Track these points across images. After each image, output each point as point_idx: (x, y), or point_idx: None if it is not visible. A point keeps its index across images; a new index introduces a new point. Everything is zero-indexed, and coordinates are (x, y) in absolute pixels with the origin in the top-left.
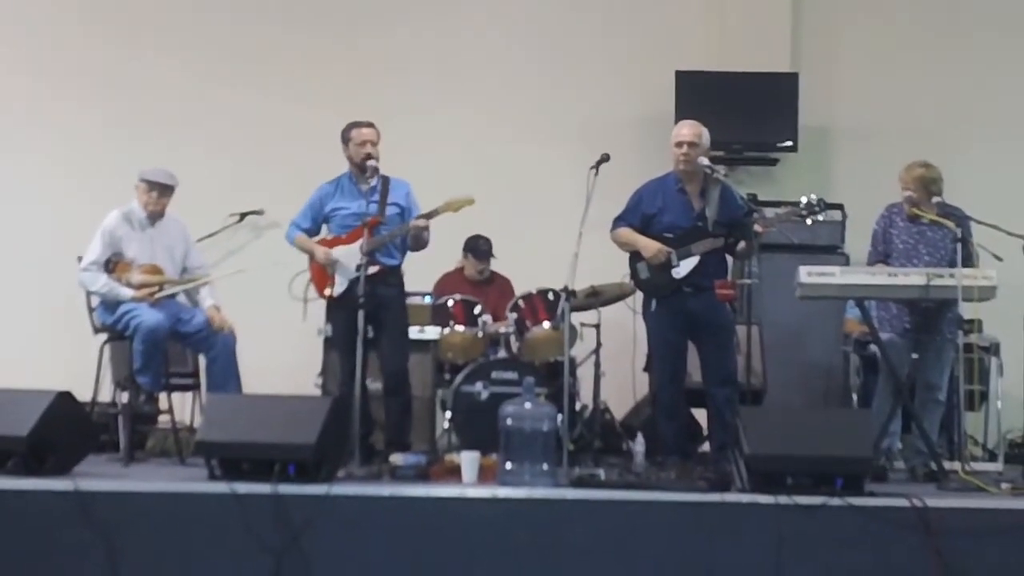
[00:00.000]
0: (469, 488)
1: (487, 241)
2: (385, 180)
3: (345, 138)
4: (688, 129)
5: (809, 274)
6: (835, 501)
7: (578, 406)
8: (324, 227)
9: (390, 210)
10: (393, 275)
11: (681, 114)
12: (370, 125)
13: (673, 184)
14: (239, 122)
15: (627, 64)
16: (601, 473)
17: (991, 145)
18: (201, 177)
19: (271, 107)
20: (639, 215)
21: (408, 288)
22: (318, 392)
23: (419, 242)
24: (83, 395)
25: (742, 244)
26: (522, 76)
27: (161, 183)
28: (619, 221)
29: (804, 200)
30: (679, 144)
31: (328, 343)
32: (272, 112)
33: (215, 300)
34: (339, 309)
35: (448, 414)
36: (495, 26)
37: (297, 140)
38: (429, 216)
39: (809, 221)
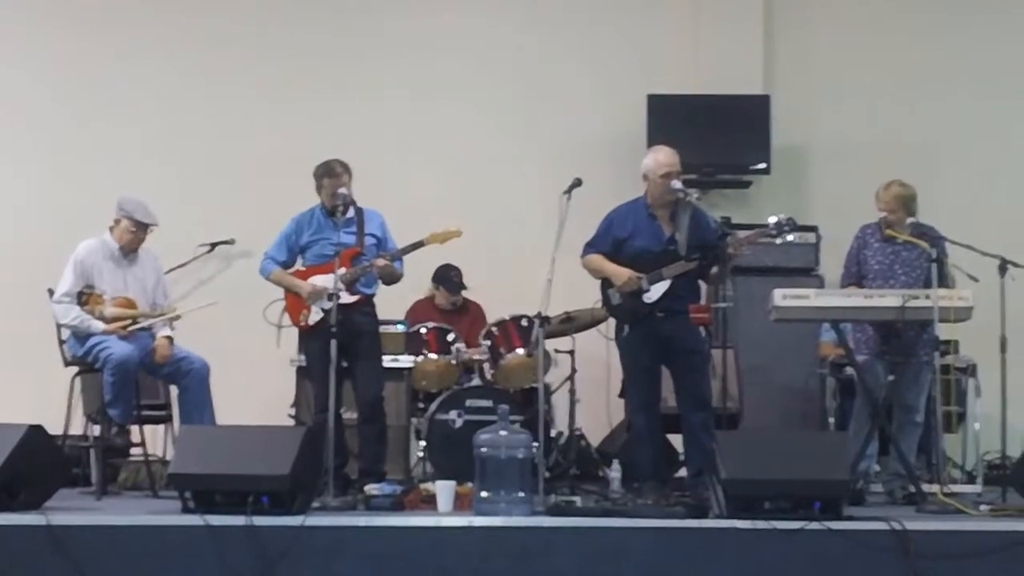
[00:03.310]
0: (445, 517)
1: (458, 272)
2: (359, 211)
3: (318, 185)
4: (672, 157)
5: (784, 297)
6: (813, 525)
7: (553, 433)
8: (299, 258)
9: (367, 240)
10: (368, 304)
11: (653, 137)
12: (343, 171)
13: (643, 209)
14: (210, 151)
15: (599, 87)
16: (578, 500)
17: (965, 165)
18: (171, 207)
19: (242, 136)
20: (609, 241)
21: (379, 316)
22: (291, 422)
23: (392, 277)
24: (54, 428)
25: (715, 269)
26: (494, 100)
27: (147, 223)
28: (589, 248)
29: (773, 220)
30: (667, 174)
31: (301, 373)
32: (243, 141)
33: (169, 331)
34: (313, 338)
35: (423, 443)
36: (467, 51)
37: (269, 169)
38: (415, 247)
39: (779, 241)
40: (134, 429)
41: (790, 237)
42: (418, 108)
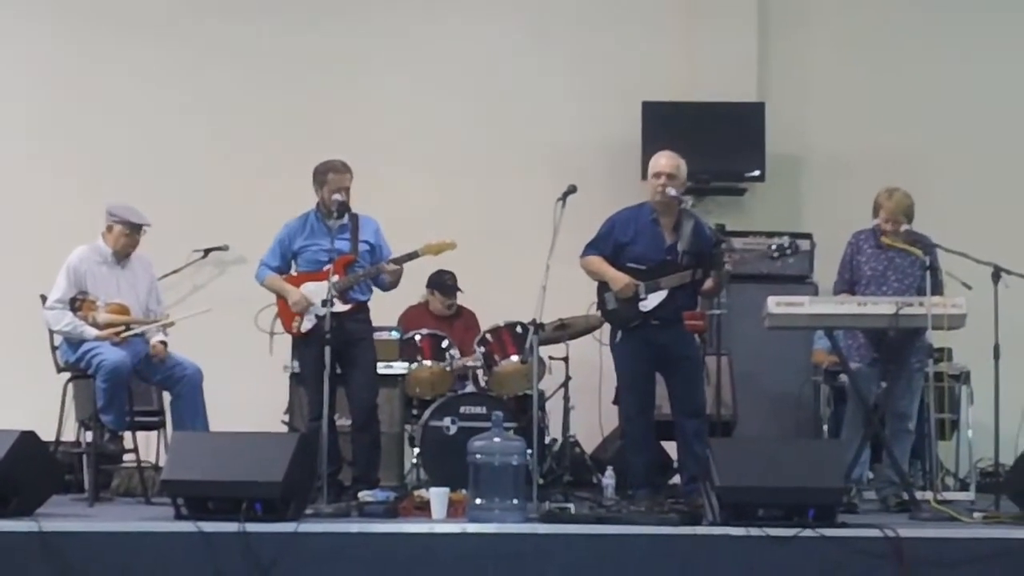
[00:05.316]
0: (438, 524)
1: (452, 276)
2: (354, 217)
3: (321, 180)
4: (667, 160)
5: (778, 304)
6: (807, 532)
7: (547, 440)
8: (292, 263)
9: (361, 247)
10: (361, 311)
11: (648, 145)
12: (347, 169)
13: (647, 215)
14: (204, 157)
15: (594, 95)
16: (572, 507)
17: (958, 172)
18: (165, 212)
19: (236, 142)
20: (611, 243)
21: (373, 323)
22: (285, 429)
23: (393, 283)
24: (47, 434)
25: (708, 283)
26: (488, 107)
27: (141, 223)
28: (590, 248)
29: (775, 244)
30: (657, 175)
31: (295, 379)
32: (237, 147)
33: (163, 336)
34: (307, 345)
35: (416, 450)
36: (460, 58)
37: (262, 175)
38: (409, 258)
39: (779, 264)
40: (127, 435)
41: (791, 260)
42: (412, 115)
